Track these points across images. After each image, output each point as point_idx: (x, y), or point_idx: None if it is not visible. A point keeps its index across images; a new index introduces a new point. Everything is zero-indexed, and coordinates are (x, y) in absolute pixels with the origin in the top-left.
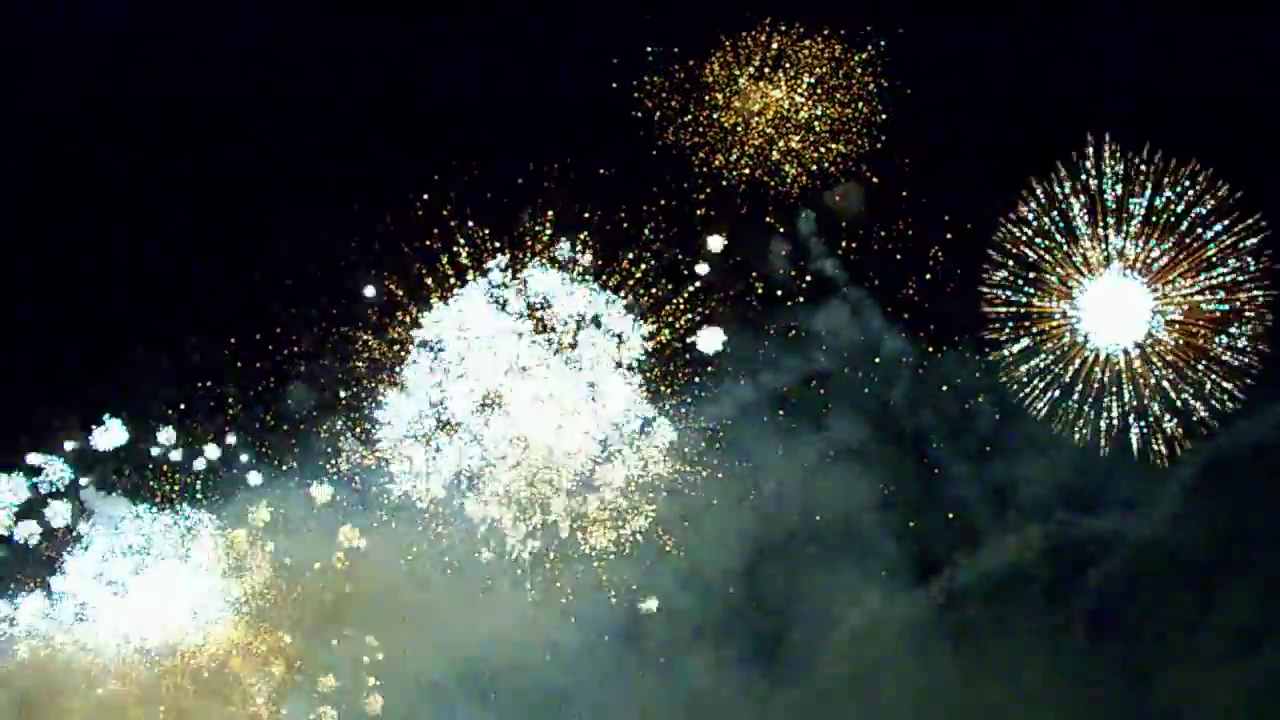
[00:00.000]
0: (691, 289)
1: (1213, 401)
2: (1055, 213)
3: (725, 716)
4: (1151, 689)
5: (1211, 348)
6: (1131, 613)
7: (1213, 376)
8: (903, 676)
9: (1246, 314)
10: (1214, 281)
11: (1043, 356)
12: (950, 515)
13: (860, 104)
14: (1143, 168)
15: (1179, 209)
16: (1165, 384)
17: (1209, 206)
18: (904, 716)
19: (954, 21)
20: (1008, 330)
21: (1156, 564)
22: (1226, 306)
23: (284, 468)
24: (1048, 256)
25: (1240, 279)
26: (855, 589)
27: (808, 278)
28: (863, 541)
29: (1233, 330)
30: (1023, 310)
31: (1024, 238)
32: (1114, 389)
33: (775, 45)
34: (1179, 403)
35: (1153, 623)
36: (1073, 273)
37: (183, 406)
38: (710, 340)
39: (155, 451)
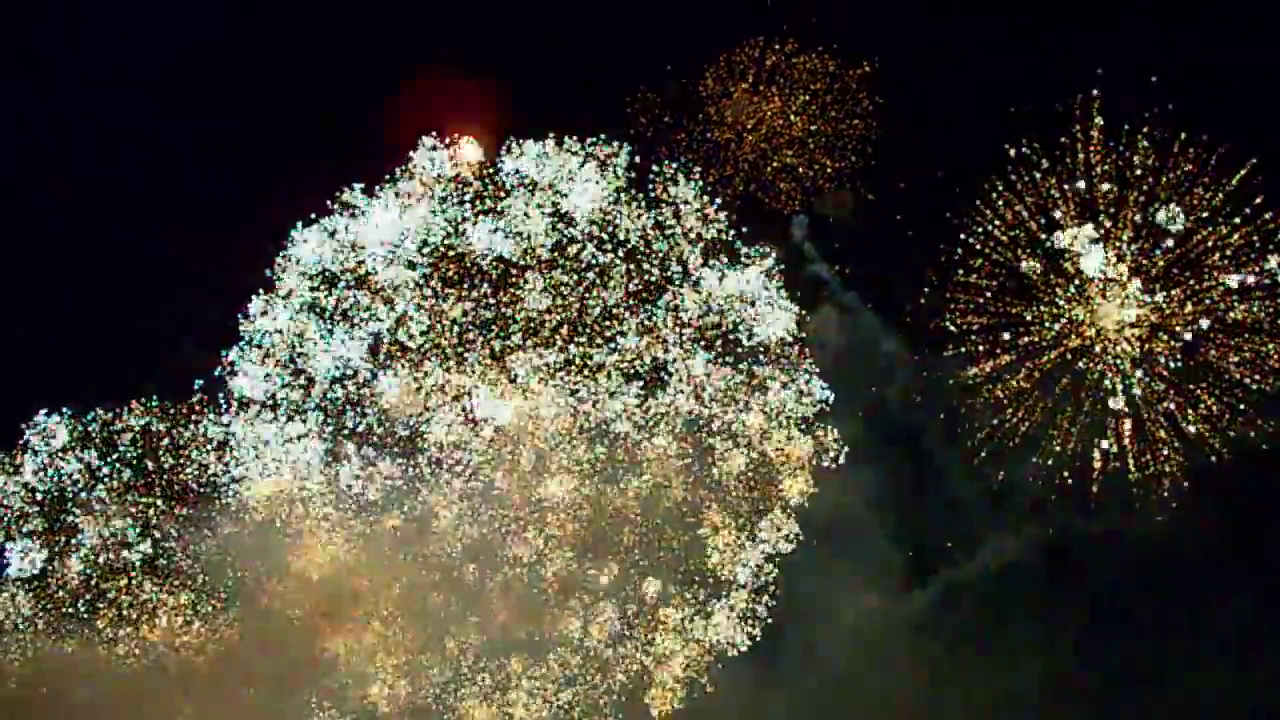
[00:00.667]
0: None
1: (1228, 432)
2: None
3: (722, 715)
4: (1149, 688)
5: (1224, 366)
6: (1129, 613)
7: (1225, 398)
8: (900, 676)
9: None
10: (1230, 285)
11: (1025, 374)
12: (947, 514)
13: (854, 120)
14: (1144, 144)
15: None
16: (1170, 405)
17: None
18: (901, 716)
19: (947, 37)
20: (979, 342)
21: (1155, 564)
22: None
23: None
24: (1034, 263)
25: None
26: (853, 588)
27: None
28: (860, 541)
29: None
30: (1005, 321)
31: (1005, 238)
32: (1109, 421)
33: (769, 62)
34: (1188, 431)
35: (1151, 622)
36: (1061, 280)
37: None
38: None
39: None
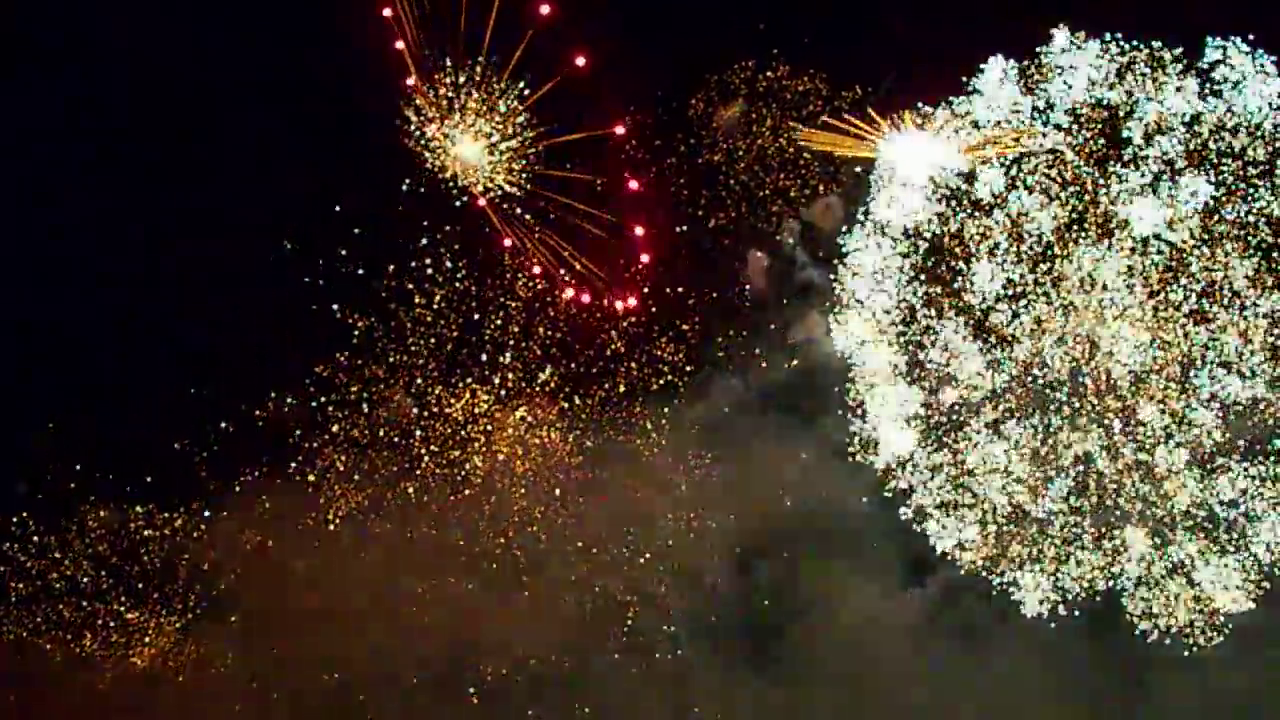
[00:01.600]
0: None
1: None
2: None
3: (720, 715)
4: (1150, 688)
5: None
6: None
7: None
8: (899, 675)
9: None
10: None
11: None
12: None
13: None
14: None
15: None
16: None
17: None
18: (900, 715)
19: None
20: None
21: None
22: None
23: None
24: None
25: None
26: (851, 587)
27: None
28: (858, 539)
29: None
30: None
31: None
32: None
33: (762, 85)
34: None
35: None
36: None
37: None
38: None
39: None
